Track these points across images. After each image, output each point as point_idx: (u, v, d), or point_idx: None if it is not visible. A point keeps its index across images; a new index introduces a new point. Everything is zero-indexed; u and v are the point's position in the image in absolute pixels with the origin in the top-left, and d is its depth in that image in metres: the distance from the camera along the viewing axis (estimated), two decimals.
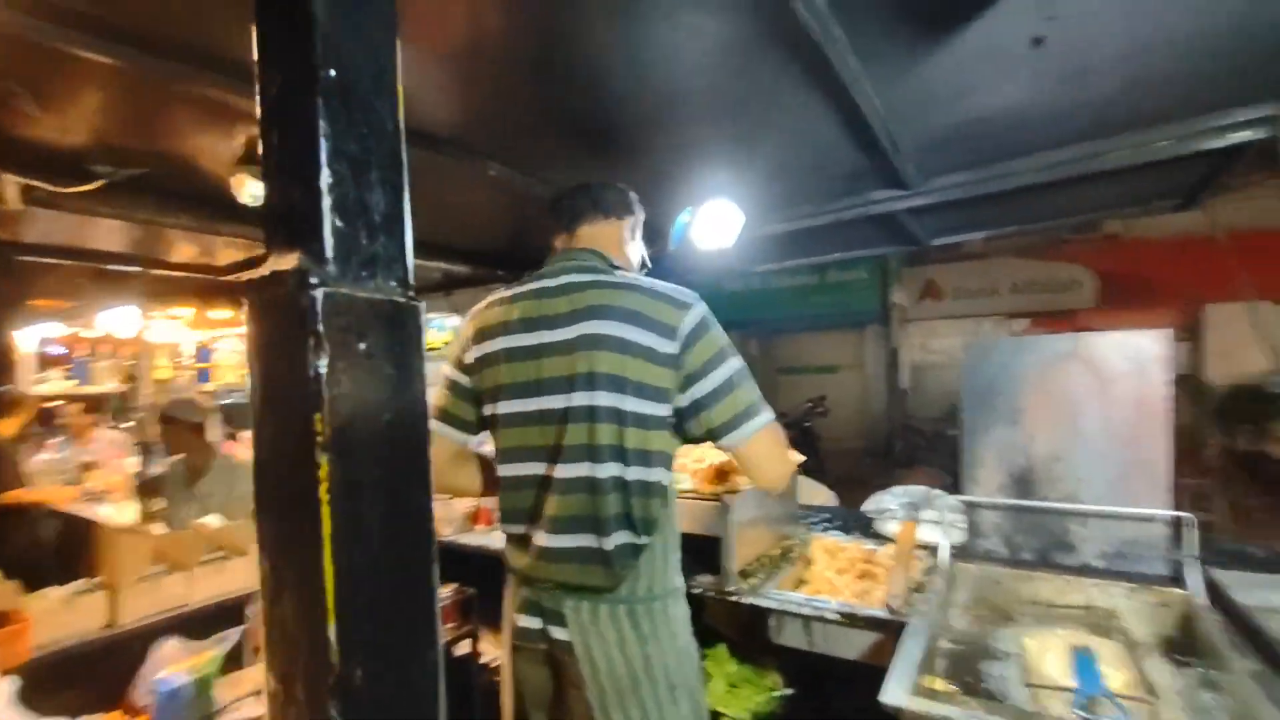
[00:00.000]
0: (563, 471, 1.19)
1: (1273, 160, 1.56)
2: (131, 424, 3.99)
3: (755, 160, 1.88)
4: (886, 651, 1.27)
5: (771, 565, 1.87)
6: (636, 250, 1.47)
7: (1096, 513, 1.61)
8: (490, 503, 2.58)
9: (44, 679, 1.35)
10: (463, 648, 2.26)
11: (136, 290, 3.41)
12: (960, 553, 1.76)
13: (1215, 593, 1.41)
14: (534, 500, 1.24)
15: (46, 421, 5.25)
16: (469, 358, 1.33)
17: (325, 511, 0.44)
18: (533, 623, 1.26)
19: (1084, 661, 1.22)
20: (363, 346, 0.48)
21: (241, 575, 1.89)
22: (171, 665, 1.52)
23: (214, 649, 1.56)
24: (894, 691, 1.09)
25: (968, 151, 1.83)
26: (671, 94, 1.49)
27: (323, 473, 0.44)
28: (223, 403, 5.12)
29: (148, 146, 1.55)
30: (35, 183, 1.41)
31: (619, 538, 1.17)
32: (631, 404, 1.16)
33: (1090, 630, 1.46)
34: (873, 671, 1.13)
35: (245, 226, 2.10)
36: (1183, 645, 1.40)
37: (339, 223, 0.46)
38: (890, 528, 2.03)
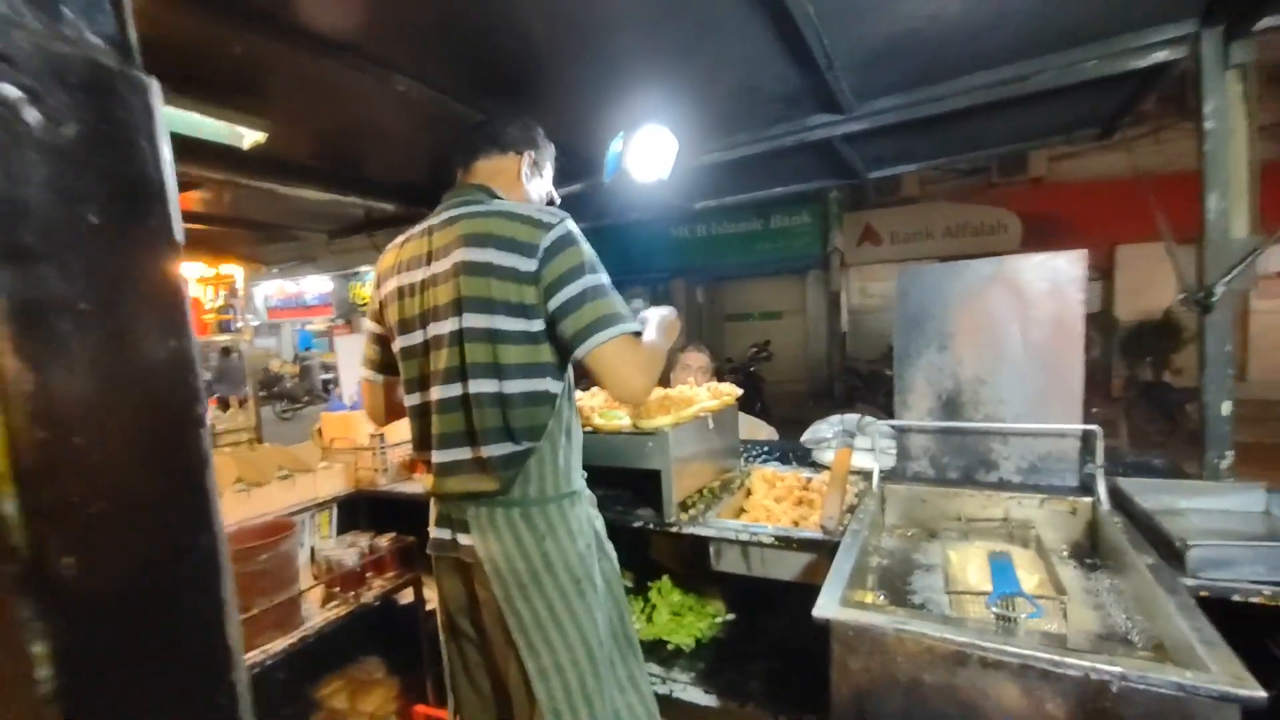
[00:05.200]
0: (438, 393, 1.28)
1: (1180, 102, 1.58)
2: None
3: (686, 79, 1.78)
4: (821, 571, 1.29)
5: (711, 497, 1.88)
6: (539, 186, 1.49)
7: (1015, 431, 1.68)
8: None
9: None
10: (406, 596, 2.22)
11: None
12: (890, 475, 1.81)
13: (1118, 498, 1.49)
14: (425, 425, 1.33)
15: None
16: (375, 303, 1.43)
17: None
18: (444, 534, 1.35)
19: (1001, 567, 1.28)
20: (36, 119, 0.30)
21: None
22: None
23: None
24: (825, 605, 1.11)
25: (900, 71, 1.79)
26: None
27: None
28: None
29: None
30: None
31: (497, 448, 1.24)
32: (503, 322, 1.22)
33: (1007, 540, 1.53)
34: (810, 591, 1.15)
35: None
36: (1090, 548, 1.50)
37: None
38: (827, 456, 2.07)
